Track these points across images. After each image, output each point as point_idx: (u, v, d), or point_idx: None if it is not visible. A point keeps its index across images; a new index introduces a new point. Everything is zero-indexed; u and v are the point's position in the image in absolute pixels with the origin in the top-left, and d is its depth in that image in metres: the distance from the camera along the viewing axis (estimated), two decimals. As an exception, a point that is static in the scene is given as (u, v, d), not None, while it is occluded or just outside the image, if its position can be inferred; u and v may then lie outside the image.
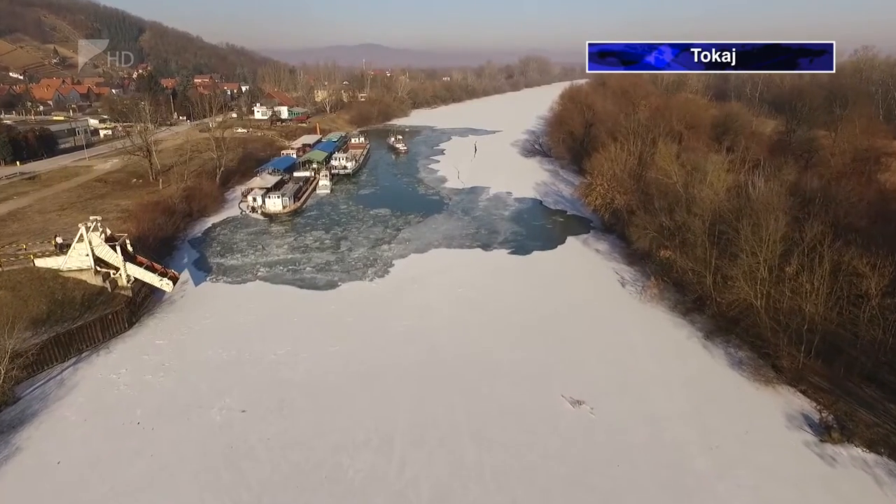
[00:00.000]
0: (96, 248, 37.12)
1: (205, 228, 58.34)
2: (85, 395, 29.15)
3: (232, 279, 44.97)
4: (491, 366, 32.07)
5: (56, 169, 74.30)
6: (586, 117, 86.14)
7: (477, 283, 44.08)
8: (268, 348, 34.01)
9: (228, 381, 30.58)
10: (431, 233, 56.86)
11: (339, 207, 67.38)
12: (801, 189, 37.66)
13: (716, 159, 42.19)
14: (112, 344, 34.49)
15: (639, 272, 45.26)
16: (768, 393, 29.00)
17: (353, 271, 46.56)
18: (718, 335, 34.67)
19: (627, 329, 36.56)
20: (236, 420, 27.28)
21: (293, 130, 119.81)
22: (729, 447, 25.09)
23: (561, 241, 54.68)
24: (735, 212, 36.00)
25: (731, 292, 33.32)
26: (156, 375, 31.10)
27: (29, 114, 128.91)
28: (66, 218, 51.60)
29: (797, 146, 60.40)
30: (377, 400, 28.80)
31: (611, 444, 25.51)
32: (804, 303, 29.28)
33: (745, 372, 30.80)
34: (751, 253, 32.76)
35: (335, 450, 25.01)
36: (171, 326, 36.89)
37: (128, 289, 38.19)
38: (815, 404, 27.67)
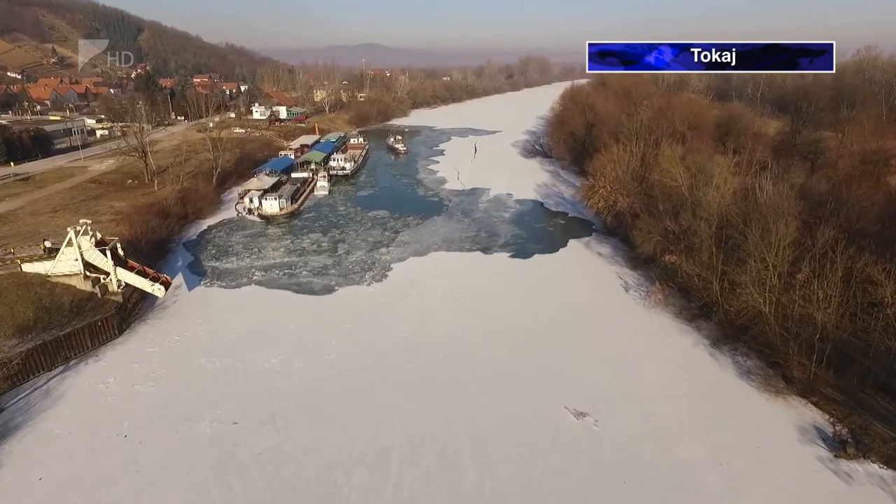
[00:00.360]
0: (86, 252, 36.11)
1: (200, 231, 57.30)
2: (71, 406, 28.12)
3: (226, 283, 43.94)
4: (491, 375, 31.05)
5: (50, 170, 73.33)
6: (587, 118, 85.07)
7: (477, 287, 43.06)
8: (262, 356, 33.00)
9: (220, 391, 29.57)
10: (431, 235, 55.84)
11: (336, 209, 66.34)
12: (809, 192, 36.58)
13: (722, 161, 41.12)
14: (101, 351, 33.46)
15: (642, 276, 44.24)
16: (779, 404, 27.98)
17: (351, 275, 45.53)
18: (725, 343, 33.66)
19: (631, 336, 35.56)
20: (227, 433, 26.25)
21: (292, 130, 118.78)
22: (740, 463, 24.09)
23: (562, 244, 53.64)
24: (742, 216, 34.96)
25: (739, 299, 32.28)
26: (145, 385, 30.08)
27: (25, 113, 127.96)
28: (58, 220, 50.62)
29: (803, 147, 59.37)
30: (373, 412, 27.78)
31: (616, 460, 24.50)
32: (816, 311, 28.21)
33: (754, 382, 29.79)
34: (759, 258, 31.74)
35: (329, 466, 23.99)
36: (162, 333, 35.85)
37: (118, 294, 37.18)
38: (828, 417, 26.66)
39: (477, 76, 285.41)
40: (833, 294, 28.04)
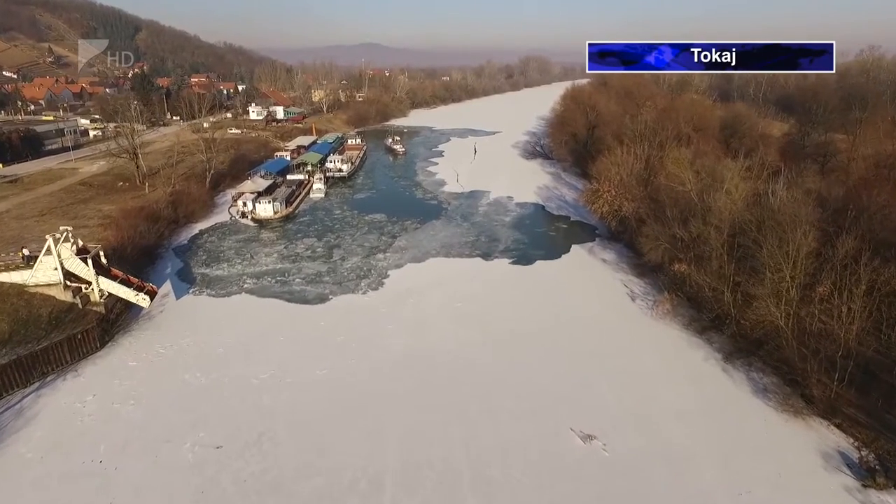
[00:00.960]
0: (66, 260, 34.35)
1: (191, 235, 55.54)
2: (44, 428, 26.37)
3: (216, 292, 42.18)
4: (491, 392, 29.31)
5: (40, 171, 71.50)
6: (589, 119, 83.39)
7: (477, 296, 41.34)
8: (250, 371, 31.26)
9: (204, 410, 27.81)
10: (429, 240, 54.12)
11: (332, 213, 64.59)
12: (825, 198, 34.87)
13: (732, 166, 39.41)
14: (81, 366, 31.69)
15: (649, 284, 42.56)
16: (799, 426, 26.29)
17: (346, 283, 43.80)
18: (738, 357, 31.96)
19: (639, 348, 33.87)
20: (210, 458, 24.51)
21: (289, 131, 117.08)
22: (761, 492, 22.39)
23: (565, 250, 51.94)
24: (756, 223, 33.26)
25: (755, 312, 30.54)
26: (125, 403, 28.32)
27: (19, 113, 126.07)
28: (44, 225, 48.83)
29: (812, 150, 57.69)
30: (367, 434, 26.05)
31: (628, 489, 22.78)
32: (839, 326, 26.51)
33: (771, 401, 28.08)
34: (775, 269, 30.04)
35: (318, 496, 22.26)
36: (146, 346, 34.10)
37: (101, 305, 35.41)
38: (853, 440, 24.97)
39: (476, 76, 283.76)
40: (856, 308, 26.33)
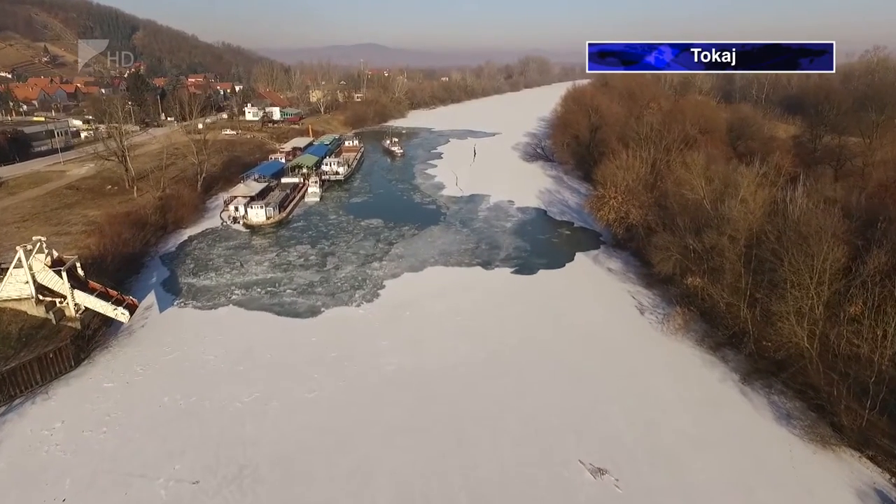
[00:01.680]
0: (38, 273, 32.17)
1: (180, 242, 53.35)
2: (6, 460, 24.20)
3: (202, 304, 40.00)
4: (493, 419, 27.15)
5: (26, 174, 69.34)
6: (592, 120, 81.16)
7: (477, 309, 39.18)
8: (233, 393, 29.10)
9: (182, 439, 25.66)
10: (427, 248, 51.95)
11: (328, 218, 62.40)
12: (848, 207, 32.73)
13: (747, 172, 37.29)
14: (53, 387, 29.54)
15: (658, 296, 40.43)
16: (828, 458, 24.16)
17: (339, 294, 41.62)
18: (757, 378, 29.81)
19: (650, 368, 31.72)
20: (185, 495, 22.35)
21: (285, 132, 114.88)
22: (791, 539, 20.29)
23: (569, 258, 49.77)
24: (776, 234, 31.13)
25: (776, 331, 28.39)
26: (96, 431, 26.14)
27: (10, 114, 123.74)
28: (25, 231, 46.63)
29: (824, 154, 55.59)
30: (357, 467, 23.88)
31: (644, 533, 20.67)
32: (873, 349, 24.38)
33: (796, 429, 25.94)
34: (798, 285, 27.90)
35: (301, 543, 20.14)
36: (124, 364, 31.90)
37: (76, 320, 33.21)
38: (890, 476, 22.85)
39: (476, 76, 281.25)
40: (891, 330, 24.20)
